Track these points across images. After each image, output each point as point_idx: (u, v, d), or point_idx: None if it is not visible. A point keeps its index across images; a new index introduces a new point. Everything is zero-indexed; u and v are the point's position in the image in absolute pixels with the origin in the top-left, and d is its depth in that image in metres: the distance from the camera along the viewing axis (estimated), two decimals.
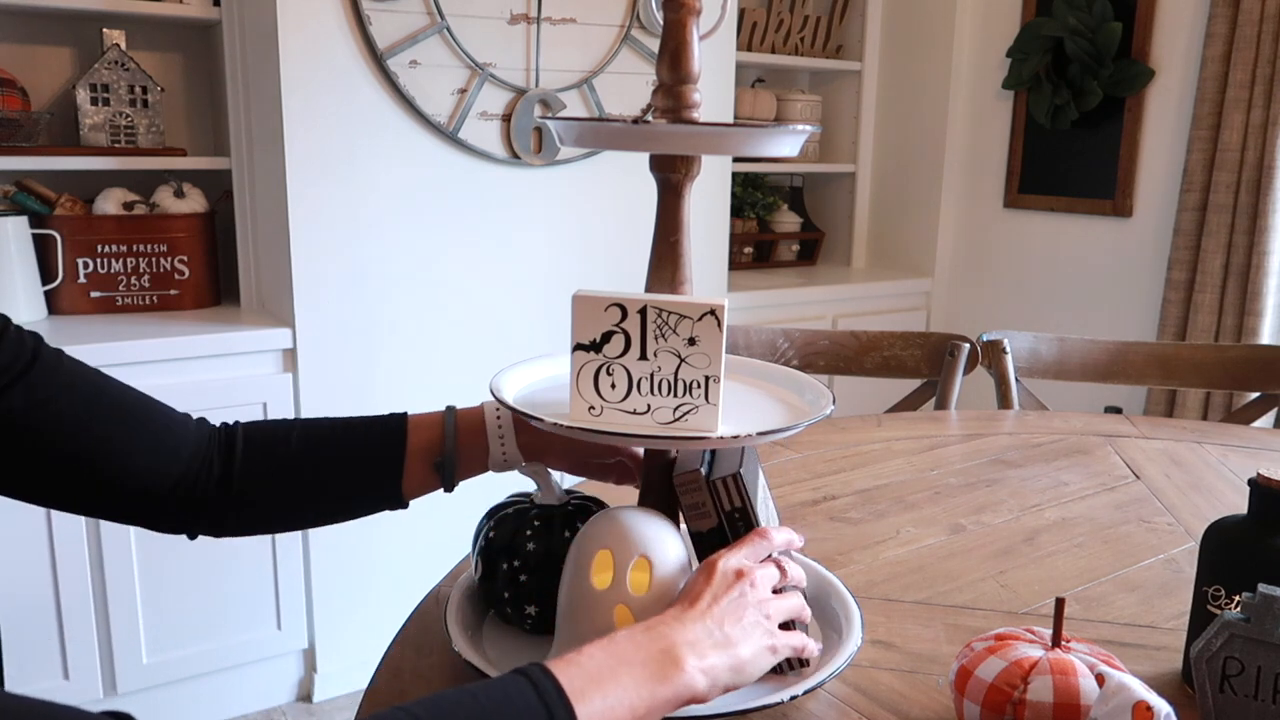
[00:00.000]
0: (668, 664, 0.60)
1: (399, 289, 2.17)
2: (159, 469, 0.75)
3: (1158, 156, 2.65)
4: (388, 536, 2.25)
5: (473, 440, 0.80)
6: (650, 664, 0.59)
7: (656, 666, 0.59)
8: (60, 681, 1.92)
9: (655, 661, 0.60)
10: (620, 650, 0.60)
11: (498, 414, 0.80)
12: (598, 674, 0.58)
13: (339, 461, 0.79)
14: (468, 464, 0.81)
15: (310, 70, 1.99)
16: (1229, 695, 0.64)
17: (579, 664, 0.58)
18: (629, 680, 0.58)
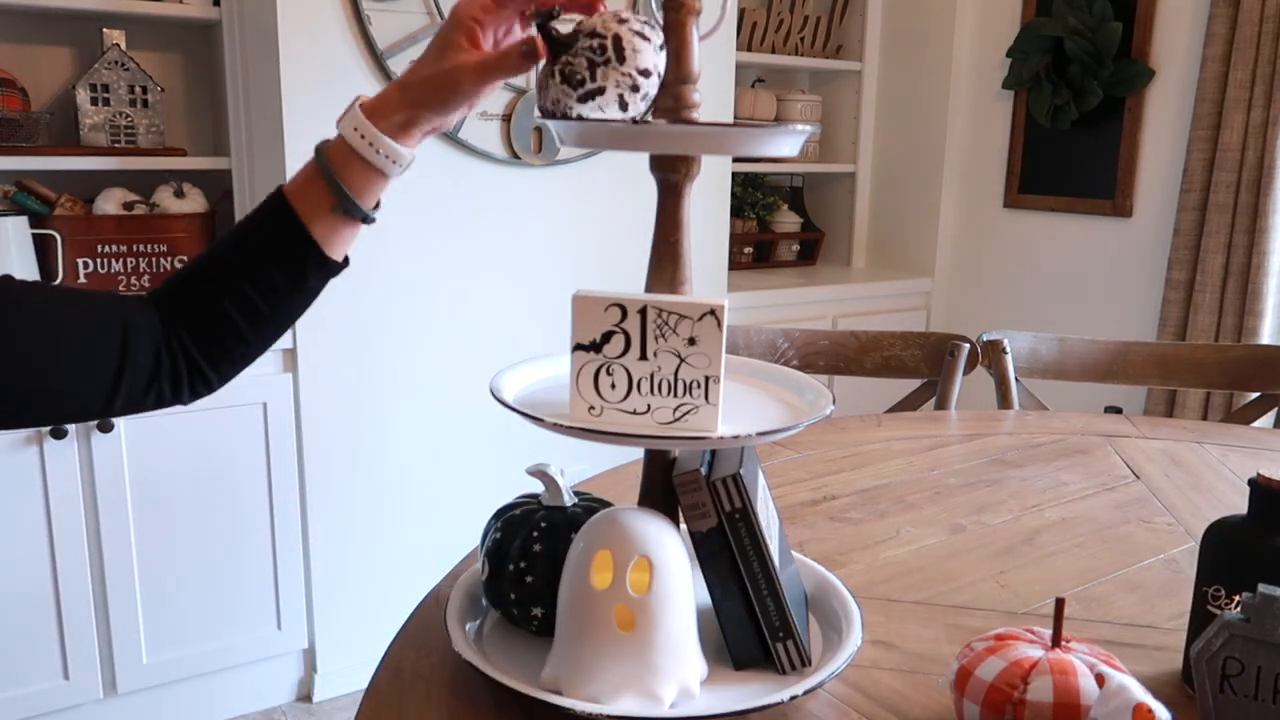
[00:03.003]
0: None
1: (399, 289, 2.17)
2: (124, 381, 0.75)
3: (1158, 156, 2.65)
4: (388, 536, 2.25)
5: (355, 168, 0.75)
6: None
7: None
8: (60, 681, 1.92)
9: None
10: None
11: (357, 132, 0.74)
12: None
13: (255, 266, 0.77)
14: (367, 189, 0.76)
15: (310, 70, 1.99)
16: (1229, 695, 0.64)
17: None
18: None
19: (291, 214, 0.76)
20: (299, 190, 0.77)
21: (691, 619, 0.72)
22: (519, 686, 0.69)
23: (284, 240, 0.77)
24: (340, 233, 0.78)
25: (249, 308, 0.77)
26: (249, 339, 0.78)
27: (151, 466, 1.95)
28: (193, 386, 0.79)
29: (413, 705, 0.73)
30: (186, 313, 0.77)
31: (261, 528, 2.09)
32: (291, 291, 0.78)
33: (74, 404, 0.73)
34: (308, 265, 0.77)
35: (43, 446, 1.84)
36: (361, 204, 0.77)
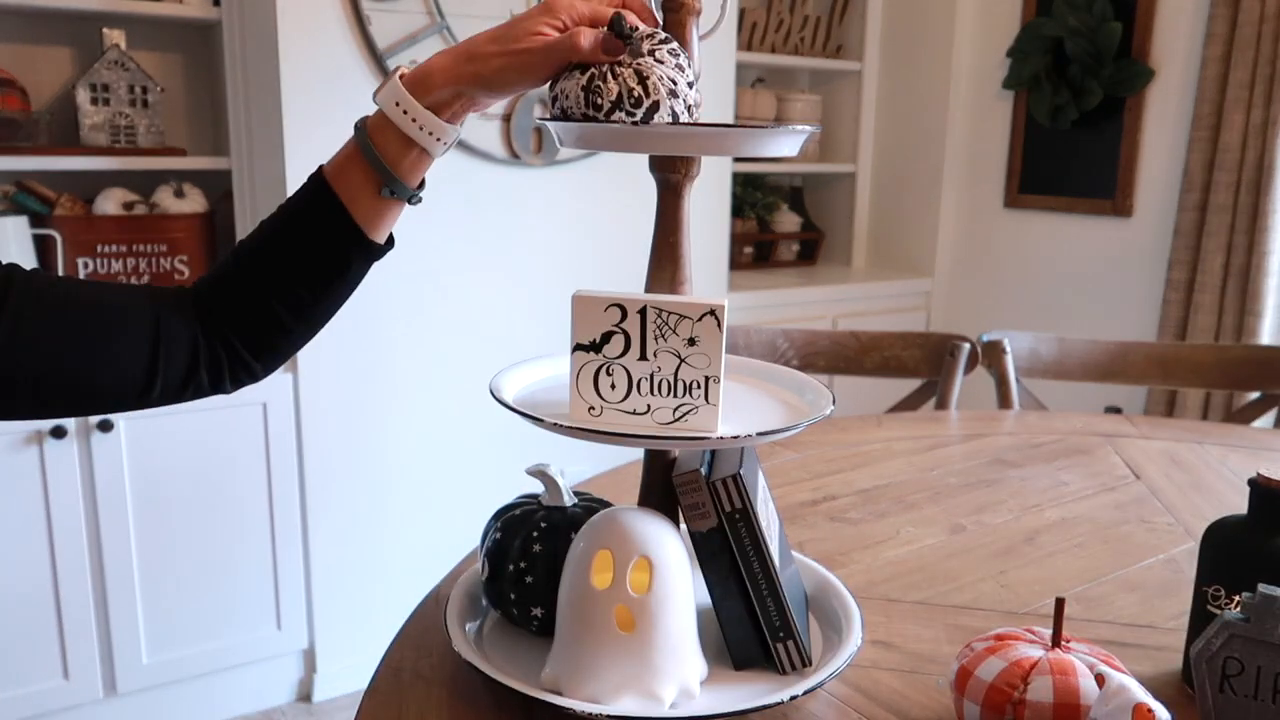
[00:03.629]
0: None
1: (399, 289, 2.17)
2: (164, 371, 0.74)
3: (1158, 156, 2.65)
4: (388, 537, 2.25)
5: (397, 145, 0.72)
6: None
7: None
8: (60, 681, 1.92)
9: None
10: None
11: (400, 108, 0.71)
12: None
13: (297, 253, 0.74)
14: (412, 169, 0.73)
15: (310, 70, 1.99)
16: (1229, 695, 0.64)
17: None
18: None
19: (333, 198, 0.73)
20: (339, 170, 0.74)
21: (691, 619, 0.72)
22: (519, 686, 0.69)
23: (326, 227, 0.74)
24: (384, 215, 0.75)
25: (292, 299, 0.75)
26: (293, 330, 0.76)
27: (151, 466, 1.95)
28: (235, 376, 0.77)
29: (413, 705, 0.73)
30: (229, 307, 0.75)
31: (261, 528, 2.09)
32: (335, 279, 0.75)
33: (104, 399, 0.72)
34: (350, 251, 0.74)
35: (43, 446, 1.84)
36: (406, 184, 0.73)
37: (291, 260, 0.74)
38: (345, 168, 0.74)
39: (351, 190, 0.73)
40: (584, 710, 0.67)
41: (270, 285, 0.74)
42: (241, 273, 0.75)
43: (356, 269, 0.76)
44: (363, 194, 0.73)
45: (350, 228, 0.74)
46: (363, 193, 0.73)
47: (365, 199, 0.73)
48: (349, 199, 0.73)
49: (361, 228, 0.74)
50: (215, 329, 0.75)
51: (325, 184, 0.74)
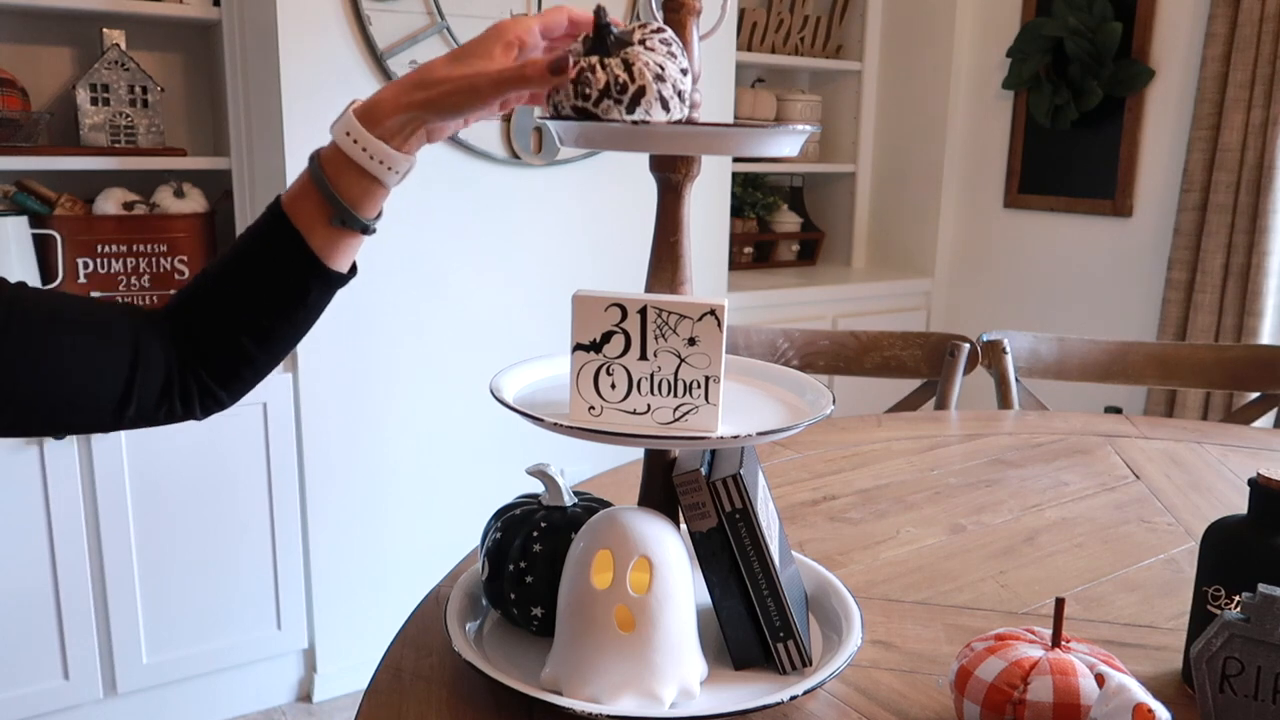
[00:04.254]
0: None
1: (398, 289, 2.17)
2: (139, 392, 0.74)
3: (1158, 156, 2.65)
4: (388, 537, 2.25)
5: (351, 176, 0.72)
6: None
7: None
8: (60, 681, 1.92)
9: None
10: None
11: (350, 138, 0.71)
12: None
13: (256, 283, 0.75)
14: (365, 199, 0.73)
15: (310, 70, 1.99)
16: (1229, 695, 0.64)
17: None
18: None
19: (290, 227, 0.73)
20: (295, 201, 0.74)
21: (691, 619, 0.72)
22: (519, 686, 0.69)
23: (283, 256, 0.74)
24: (340, 244, 0.75)
25: (254, 328, 0.75)
26: (256, 359, 0.77)
27: (151, 467, 1.95)
28: (204, 405, 0.78)
29: (413, 705, 0.73)
30: (193, 337, 0.76)
31: (261, 528, 2.09)
32: (295, 308, 0.76)
33: (82, 416, 0.72)
34: (309, 280, 0.75)
35: (43, 447, 1.84)
36: (360, 214, 0.73)
37: (252, 290, 0.75)
38: (300, 198, 0.74)
39: (306, 220, 0.73)
40: (584, 710, 0.67)
41: (232, 316, 0.75)
42: (205, 302, 0.76)
43: (316, 297, 0.76)
44: (317, 224, 0.73)
45: (308, 257, 0.74)
46: (317, 222, 0.73)
47: (320, 228, 0.74)
48: (305, 229, 0.73)
49: (319, 257, 0.74)
50: (183, 353, 0.76)
51: (282, 214, 0.74)
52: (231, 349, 0.76)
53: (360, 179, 0.72)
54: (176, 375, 0.76)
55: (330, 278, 0.76)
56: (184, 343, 0.76)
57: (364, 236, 0.75)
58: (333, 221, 0.73)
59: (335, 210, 0.73)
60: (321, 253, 0.74)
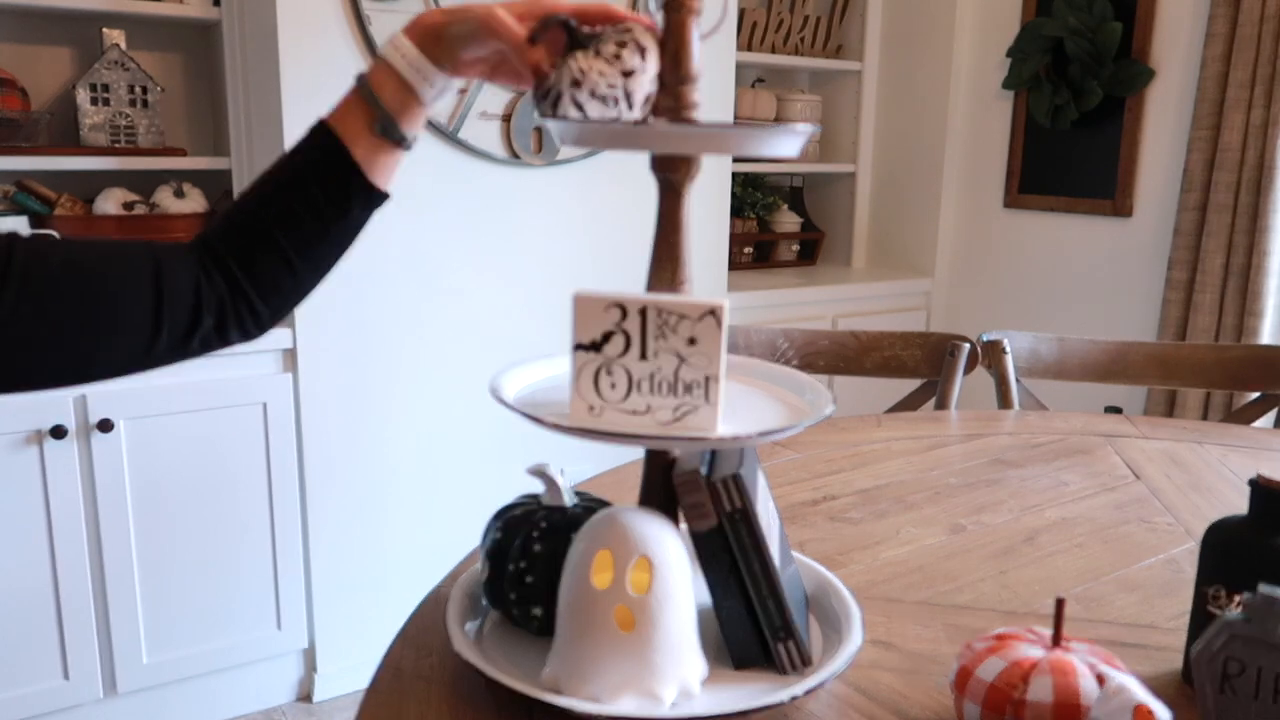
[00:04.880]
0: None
1: (399, 289, 2.17)
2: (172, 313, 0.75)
3: (1158, 156, 2.65)
4: (388, 537, 2.25)
5: (391, 87, 0.79)
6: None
7: None
8: (60, 681, 1.92)
9: None
10: None
11: (395, 48, 0.79)
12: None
13: (300, 191, 0.77)
14: (405, 111, 0.79)
15: (310, 70, 1.99)
16: (1229, 695, 0.64)
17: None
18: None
19: (333, 137, 0.77)
20: (339, 115, 0.79)
21: (691, 619, 0.72)
22: (519, 686, 0.69)
23: (326, 163, 0.77)
24: (380, 158, 0.79)
25: (294, 232, 0.77)
26: (295, 267, 0.78)
27: (151, 466, 1.95)
28: (240, 323, 0.78)
29: (413, 706, 0.73)
30: (231, 239, 0.77)
31: (261, 528, 2.09)
32: (335, 216, 0.78)
33: (116, 356, 0.73)
34: (350, 188, 0.78)
35: (42, 446, 1.84)
36: (401, 124, 0.78)
37: (294, 195, 0.77)
38: (343, 112, 0.79)
39: (351, 131, 0.78)
40: (584, 710, 0.67)
41: (271, 212, 0.77)
42: (243, 204, 0.78)
43: (357, 210, 0.79)
44: (360, 134, 0.78)
45: (349, 164, 0.77)
46: (360, 134, 0.78)
47: (363, 140, 0.78)
48: (349, 139, 0.78)
49: (360, 166, 0.78)
50: (220, 266, 0.77)
51: (325, 126, 0.79)
52: (272, 251, 0.77)
53: (400, 90, 0.78)
54: (207, 292, 0.76)
55: (370, 190, 0.79)
56: (224, 258, 0.76)
57: (402, 153, 0.80)
58: (374, 127, 0.77)
59: (377, 115, 0.77)
60: (363, 163, 0.78)
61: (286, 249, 0.77)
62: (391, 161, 0.80)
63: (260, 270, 0.77)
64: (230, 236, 0.77)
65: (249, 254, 0.77)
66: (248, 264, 0.77)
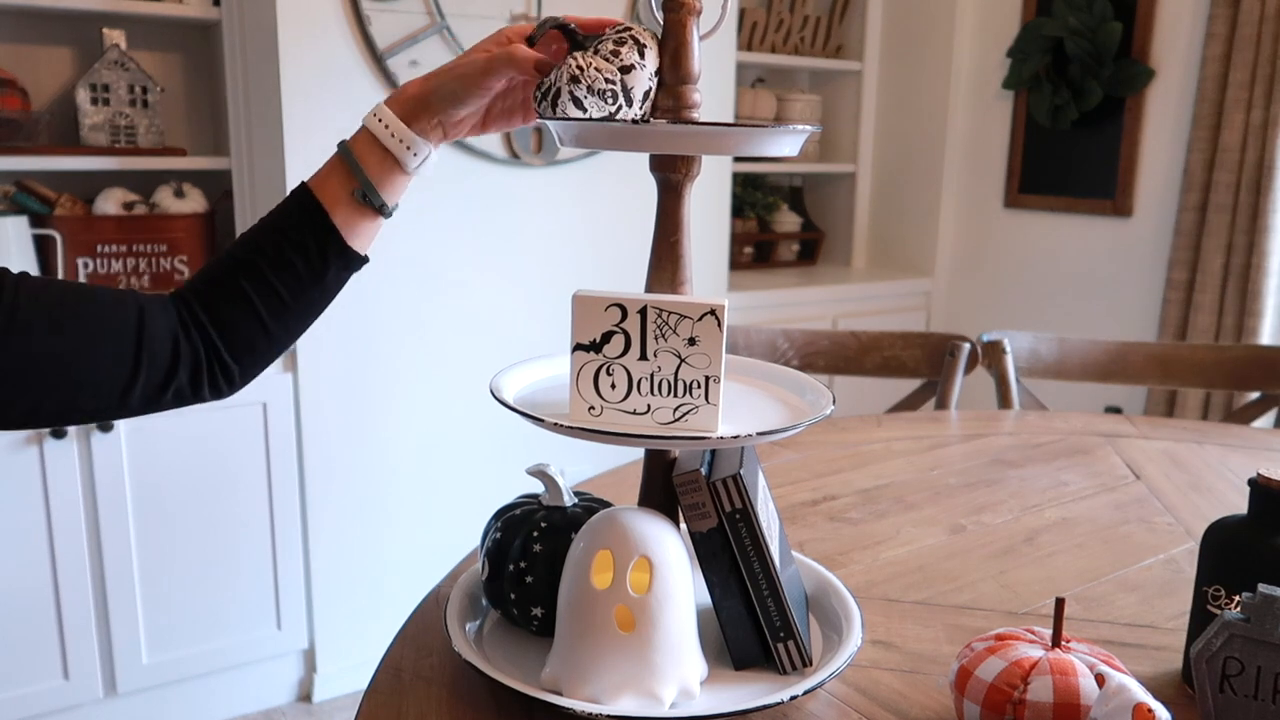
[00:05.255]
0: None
1: (398, 289, 2.17)
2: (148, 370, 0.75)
3: (1158, 156, 2.65)
4: (388, 537, 2.25)
5: (374, 157, 0.79)
6: None
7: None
8: (60, 681, 1.92)
9: None
10: None
11: (378, 120, 0.78)
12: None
13: (277, 252, 0.78)
14: (386, 179, 0.79)
15: (310, 70, 1.99)
16: (1229, 695, 0.64)
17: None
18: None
19: (313, 201, 0.78)
20: (321, 180, 0.79)
21: (691, 619, 0.72)
22: (519, 686, 0.69)
23: (305, 226, 0.78)
24: (360, 223, 0.79)
25: (269, 292, 0.77)
26: (269, 328, 0.78)
27: (151, 466, 1.95)
28: (213, 380, 0.79)
29: (413, 706, 0.73)
30: (207, 296, 0.77)
31: (261, 528, 2.09)
32: (313, 280, 0.78)
33: (91, 399, 0.73)
34: (328, 253, 0.78)
35: (42, 446, 1.84)
36: (382, 193, 0.79)
37: (269, 253, 0.78)
38: (325, 177, 0.79)
39: (330, 196, 0.79)
40: (584, 710, 0.67)
41: (247, 273, 0.77)
42: (222, 263, 0.79)
43: (334, 272, 0.79)
44: (340, 200, 0.79)
45: (329, 229, 0.78)
46: (340, 198, 0.79)
47: (343, 205, 0.79)
48: (329, 204, 0.78)
49: (339, 230, 0.78)
50: (196, 322, 0.77)
51: (307, 190, 0.79)
52: (245, 311, 0.77)
53: (383, 160, 0.79)
54: (185, 347, 0.76)
55: (347, 254, 0.79)
56: (200, 314, 0.77)
57: (382, 220, 0.81)
58: (354, 195, 0.78)
59: (358, 183, 0.78)
60: (342, 228, 0.79)
61: (261, 309, 0.78)
62: (372, 227, 0.81)
63: (234, 329, 0.78)
64: (207, 294, 0.78)
65: (224, 312, 0.77)
66: (222, 322, 0.77)
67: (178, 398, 0.78)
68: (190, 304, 0.77)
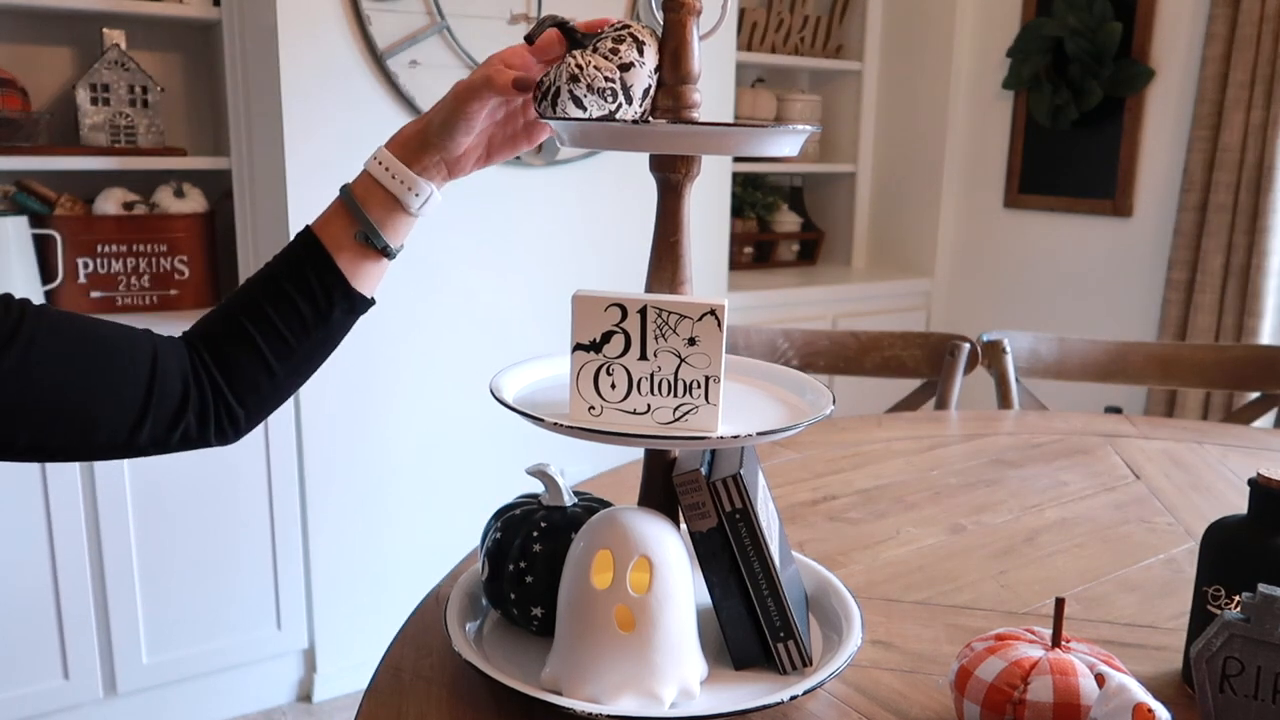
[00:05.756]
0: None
1: (398, 289, 2.17)
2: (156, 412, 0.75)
3: (1158, 156, 2.65)
4: (388, 537, 2.25)
5: (376, 199, 0.78)
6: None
7: None
8: (60, 681, 1.92)
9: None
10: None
11: (378, 161, 0.78)
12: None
13: (282, 295, 0.78)
14: (389, 221, 0.79)
15: (310, 70, 1.99)
16: (1229, 695, 0.64)
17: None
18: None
19: (317, 243, 0.78)
20: (324, 223, 0.79)
21: (691, 619, 0.72)
22: (519, 686, 0.69)
23: (309, 268, 0.78)
24: (364, 265, 0.79)
25: (274, 335, 0.77)
26: (275, 370, 0.78)
27: (151, 467, 1.95)
28: (219, 424, 0.79)
29: (413, 706, 0.73)
30: (213, 339, 0.78)
31: (261, 528, 2.09)
32: (317, 322, 0.78)
33: (101, 432, 0.72)
34: (333, 294, 0.78)
35: None
36: (384, 234, 0.78)
37: (274, 296, 0.78)
38: (329, 220, 0.79)
39: (334, 239, 0.78)
40: (584, 710, 0.67)
41: (252, 316, 0.77)
42: (228, 306, 0.79)
43: (339, 314, 0.79)
44: (344, 242, 0.78)
45: (334, 272, 0.78)
46: (344, 241, 0.78)
47: (347, 247, 0.78)
48: (333, 247, 0.78)
49: (344, 273, 0.78)
50: (204, 366, 0.77)
51: (312, 234, 0.79)
52: (250, 354, 0.77)
53: (385, 201, 0.78)
54: (193, 387, 0.76)
55: (353, 297, 0.79)
56: (205, 356, 0.77)
57: (386, 262, 0.81)
58: (357, 237, 0.78)
59: (360, 224, 0.78)
60: (346, 271, 0.78)
61: (266, 352, 0.78)
62: (376, 270, 0.81)
63: (239, 372, 0.78)
64: (212, 336, 0.78)
65: (229, 355, 0.77)
66: (227, 365, 0.77)
67: (184, 440, 0.78)
68: (197, 346, 0.77)
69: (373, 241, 0.78)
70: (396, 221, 0.79)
